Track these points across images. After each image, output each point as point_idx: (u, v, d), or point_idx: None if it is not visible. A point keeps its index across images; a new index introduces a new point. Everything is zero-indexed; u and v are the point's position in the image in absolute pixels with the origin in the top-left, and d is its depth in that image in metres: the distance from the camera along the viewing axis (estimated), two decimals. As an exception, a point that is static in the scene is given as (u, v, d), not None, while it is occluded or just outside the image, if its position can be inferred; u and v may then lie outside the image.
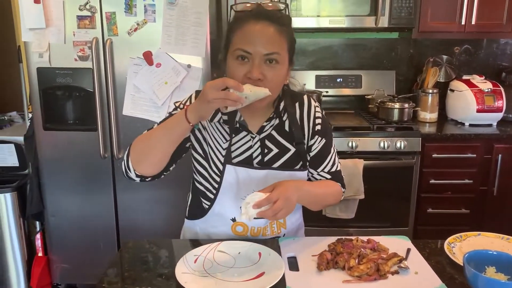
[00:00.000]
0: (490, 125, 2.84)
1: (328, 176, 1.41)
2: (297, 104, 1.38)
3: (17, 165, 2.66)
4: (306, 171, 1.37)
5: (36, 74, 2.38)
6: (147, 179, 1.29)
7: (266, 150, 1.33)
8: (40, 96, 2.41)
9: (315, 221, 2.59)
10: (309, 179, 1.41)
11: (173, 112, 1.32)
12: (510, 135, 2.68)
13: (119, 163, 2.47)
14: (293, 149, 1.35)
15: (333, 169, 1.41)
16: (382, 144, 2.62)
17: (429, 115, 2.95)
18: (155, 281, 1.14)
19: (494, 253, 1.09)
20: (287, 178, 1.29)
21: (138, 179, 1.28)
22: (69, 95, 2.43)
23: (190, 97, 1.36)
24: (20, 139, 2.62)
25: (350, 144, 2.62)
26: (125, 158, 1.26)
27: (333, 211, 2.64)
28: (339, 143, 2.63)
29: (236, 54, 1.19)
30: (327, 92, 3.12)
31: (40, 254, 2.66)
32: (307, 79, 3.15)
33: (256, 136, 1.33)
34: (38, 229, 2.67)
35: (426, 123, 2.93)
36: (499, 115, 2.81)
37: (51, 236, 2.61)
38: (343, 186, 1.45)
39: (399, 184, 2.68)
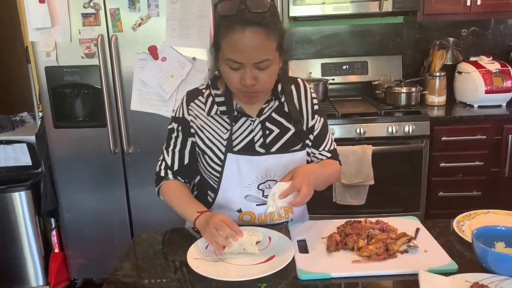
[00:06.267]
0: (500, 106, 2.81)
1: (329, 155, 1.44)
2: (292, 87, 1.41)
3: (30, 164, 2.71)
4: (305, 151, 1.39)
5: (45, 73, 2.41)
6: None
7: (267, 132, 1.35)
8: (49, 95, 2.44)
9: (326, 208, 2.61)
10: (311, 160, 1.44)
11: (170, 127, 1.40)
12: (520, 115, 2.66)
13: (129, 158, 2.50)
14: (293, 129, 1.37)
15: (332, 147, 1.46)
16: (390, 129, 2.61)
17: (437, 99, 2.93)
18: (168, 268, 1.17)
19: (503, 228, 1.10)
20: (288, 161, 1.32)
21: None
22: (78, 92, 2.46)
23: (182, 102, 1.39)
24: (32, 138, 2.66)
25: (358, 131, 2.62)
26: (157, 191, 1.47)
27: (344, 197, 2.65)
28: (347, 129, 2.63)
29: (227, 64, 1.19)
30: (333, 79, 3.12)
31: (56, 250, 2.72)
32: (313, 68, 3.15)
33: (256, 119, 1.35)
34: (53, 226, 2.72)
35: (435, 107, 2.91)
36: (508, 96, 2.78)
37: (66, 232, 2.66)
38: (340, 163, 1.49)
39: (409, 168, 2.67)
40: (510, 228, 1.09)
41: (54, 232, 2.71)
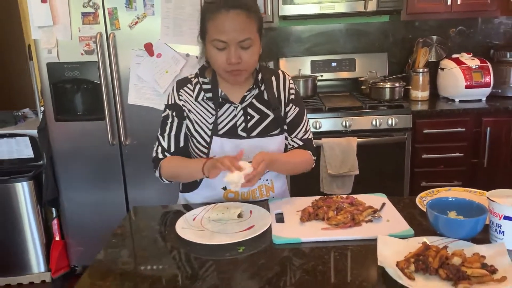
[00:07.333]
0: (480, 101, 2.96)
1: (300, 143, 1.56)
2: (273, 77, 1.54)
3: (32, 156, 2.83)
4: (283, 135, 1.52)
5: (46, 69, 2.55)
6: None
7: (248, 117, 1.49)
8: (50, 90, 2.58)
9: (313, 198, 2.74)
10: (287, 144, 1.57)
11: (164, 114, 1.53)
12: (498, 108, 2.80)
13: (126, 150, 2.64)
14: (272, 115, 1.50)
15: (305, 137, 1.57)
16: (374, 122, 2.75)
17: (420, 94, 3.07)
18: (157, 237, 1.31)
19: (453, 199, 1.23)
20: (267, 144, 1.46)
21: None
22: (78, 87, 2.60)
23: (172, 90, 1.53)
24: (34, 132, 2.79)
25: (344, 124, 2.76)
26: (157, 174, 1.53)
27: (330, 187, 2.79)
28: (334, 123, 2.77)
29: (213, 45, 1.35)
30: (321, 76, 3.26)
31: (57, 238, 2.85)
32: (302, 65, 3.29)
33: (238, 105, 1.49)
34: (54, 215, 2.86)
35: (418, 102, 3.05)
36: (487, 90, 2.93)
37: (66, 221, 2.80)
38: (313, 154, 1.59)
39: (392, 159, 2.81)
40: (459, 199, 1.23)
41: (55, 221, 2.85)
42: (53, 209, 2.86)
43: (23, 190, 2.77)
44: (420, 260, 1.02)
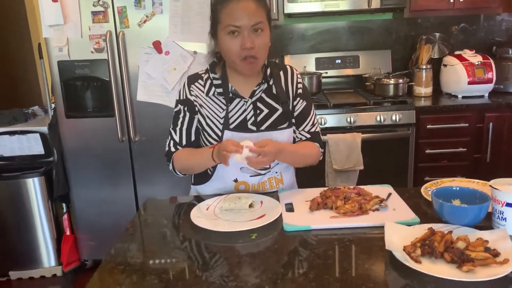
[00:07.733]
0: (482, 96, 3.00)
1: (308, 136, 1.61)
2: (281, 72, 1.60)
3: (43, 153, 2.89)
4: (292, 128, 1.57)
5: (57, 67, 2.61)
6: None
7: (258, 111, 1.54)
8: (61, 87, 2.64)
9: (319, 192, 2.79)
10: (295, 137, 1.62)
11: (176, 109, 1.58)
12: (500, 104, 2.85)
13: (135, 146, 2.69)
14: (280, 109, 1.55)
15: (313, 130, 1.62)
16: (378, 118, 2.80)
17: (424, 90, 3.12)
18: (172, 226, 1.36)
19: (458, 188, 1.28)
20: (276, 137, 1.51)
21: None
22: (88, 85, 2.65)
23: (184, 86, 1.58)
24: (44, 129, 2.85)
25: (348, 120, 2.80)
26: (171, 167, 1.60)
27: (335, 182, 2.84)
28: (338, 119, 2.82)
29: (227, 30, 1.41)
30: (326, 73, 3.30)
31: (68, 233, 2.91)
32: (307, 62, 3.33)
33: (248, 100, 1.54)
34: (65, 210, 2.92)
35: (422, 98, 3.10)
36: (490, 86, 2.97)
37: (76, 216, 2.85)
38: (321, 146, 1.64)
39: (396, 154, 2.86)
40: (463, 188, 1.28)
41: (65, 216, 2.91)
42: (64, 204, 2.92)
43: (34, 186, 2.83)
44: (426, 245, 1.07)
